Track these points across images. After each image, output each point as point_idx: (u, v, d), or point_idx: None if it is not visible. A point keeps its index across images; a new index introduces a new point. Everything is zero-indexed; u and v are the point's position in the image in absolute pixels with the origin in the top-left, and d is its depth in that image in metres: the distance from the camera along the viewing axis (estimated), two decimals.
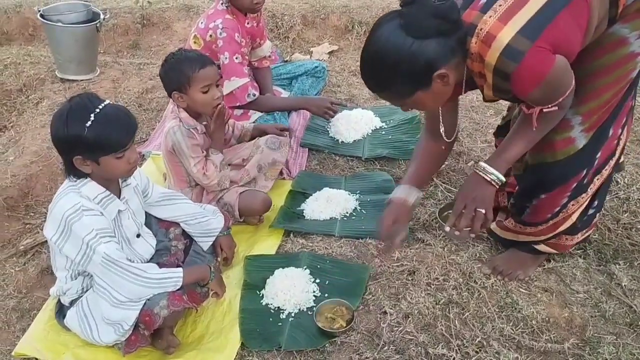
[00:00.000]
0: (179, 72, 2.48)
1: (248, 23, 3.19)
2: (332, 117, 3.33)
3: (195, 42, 3.07)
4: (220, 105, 2.60)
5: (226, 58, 2.98)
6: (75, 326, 2.06)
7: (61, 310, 2.15)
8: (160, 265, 2.13)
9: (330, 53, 4.75)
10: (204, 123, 2.64)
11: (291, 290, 2.29)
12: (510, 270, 2.32)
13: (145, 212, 2.27)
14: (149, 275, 1.97)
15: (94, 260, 1.91)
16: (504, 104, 3.58)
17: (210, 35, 3.00)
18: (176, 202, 2.34)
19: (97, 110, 1.83)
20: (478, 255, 2.45)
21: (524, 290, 2.26)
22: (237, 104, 3.11)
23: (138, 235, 2.15)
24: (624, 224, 2.63)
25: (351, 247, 2.56)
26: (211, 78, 2.52)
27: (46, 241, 2.64)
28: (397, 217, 2.23)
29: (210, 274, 2.14)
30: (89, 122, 1.81)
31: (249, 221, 2.75)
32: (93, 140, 1.82)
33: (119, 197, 2.06)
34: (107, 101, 1.90)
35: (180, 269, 2.05)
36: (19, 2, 5.33)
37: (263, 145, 2.88)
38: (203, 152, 2.62)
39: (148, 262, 2.16)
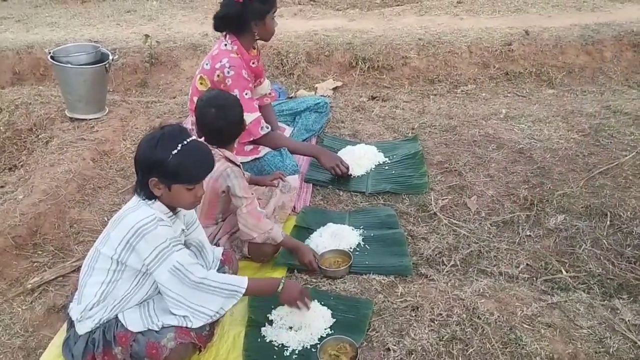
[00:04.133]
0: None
1: (253, 63, 3.26)
2: (339, 174, 3.31)
3: (201, 83, 3.13)
4: None
5: (236, 95, 3.04)
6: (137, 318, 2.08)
7: (67, 343, 2.15)
8: None
9: (335, 89, 4.84)
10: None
11: (295, 325, 2.29)
12: None
13: None
14: (209, 282, 2.04)
15: (161, 269, 2.00)
16: (506, 138, 3.64)
17: (218, 75, 3.07)
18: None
19: (185, 142, 1.99)
20: (481, 290, 2.45)
21: (527, 326, 2.26)
22: (251, 138, 3.17)
23: None
24: (628, 257, 2.64)
25: (355, 282, 2.57)
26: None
27: (53, 279, 2.69)
28: None
29: (278, 287, 2.20)
30: (175, 150, 1.96)
31: (256, 259, 2.77)
32: (173, 167, 1.97)
33: None
34: (194, 137, 2.05)
35: (245, 279, 2.13)
36: (31, 43, 5.49)
37: (277, 189, 3.00)
38: (253, 194, 2.66)
39: None
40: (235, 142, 2.71)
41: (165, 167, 1.96)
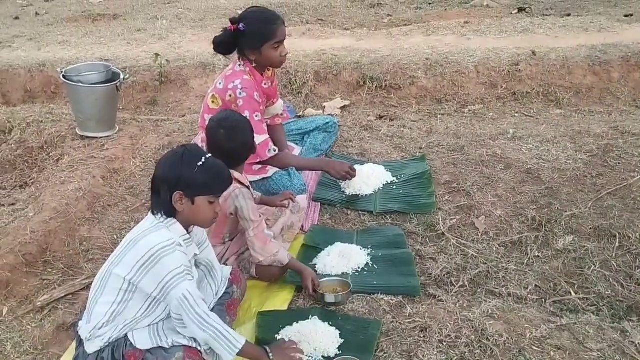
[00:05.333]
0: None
1: (265, 84, 3.30)
2: (350, 179, 3.38)
3: (213, 102, 3.17)
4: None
5: (247, 116, 3.07)
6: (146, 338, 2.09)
7: None
8: None
9: (343, 108, 4.87)
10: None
11: (303, 346, 2.29)
12: None
13: None
14: (210, 322, 2.03)
15: (171, 295, 2.01)
16: (514, 158, 3.64)
17: (230, 95, 3.11)
18: (203, 280, 2.37)
19: (207, 156, 2.12)
20: (490, 311, 2.44)
21: (536, 348, 2.25)
22: (258, 160, 3.19)
23: None
24: (637, 279, 2.62)
25: (363, 303, 2.57)
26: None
27: (63, 297, 2.70)
28: None
29: (269, 356, 2.13)
30: (201, 163, 2.08)
31: (263, 280, 2.78)
32: (199, 178, 2.07)
33: None
34: (210, 155, 2.16)
35: (244, 338, 2.09)
36: (42, 61, 5.57)
37: (287, 209, 3.00)
38: (261, 217, 2.68)
39: None
40: (244, 163, 2.73)
41: (192, 179, 2.05)
